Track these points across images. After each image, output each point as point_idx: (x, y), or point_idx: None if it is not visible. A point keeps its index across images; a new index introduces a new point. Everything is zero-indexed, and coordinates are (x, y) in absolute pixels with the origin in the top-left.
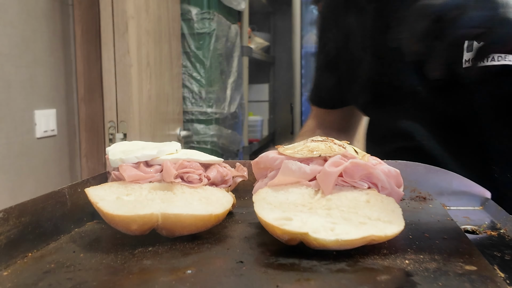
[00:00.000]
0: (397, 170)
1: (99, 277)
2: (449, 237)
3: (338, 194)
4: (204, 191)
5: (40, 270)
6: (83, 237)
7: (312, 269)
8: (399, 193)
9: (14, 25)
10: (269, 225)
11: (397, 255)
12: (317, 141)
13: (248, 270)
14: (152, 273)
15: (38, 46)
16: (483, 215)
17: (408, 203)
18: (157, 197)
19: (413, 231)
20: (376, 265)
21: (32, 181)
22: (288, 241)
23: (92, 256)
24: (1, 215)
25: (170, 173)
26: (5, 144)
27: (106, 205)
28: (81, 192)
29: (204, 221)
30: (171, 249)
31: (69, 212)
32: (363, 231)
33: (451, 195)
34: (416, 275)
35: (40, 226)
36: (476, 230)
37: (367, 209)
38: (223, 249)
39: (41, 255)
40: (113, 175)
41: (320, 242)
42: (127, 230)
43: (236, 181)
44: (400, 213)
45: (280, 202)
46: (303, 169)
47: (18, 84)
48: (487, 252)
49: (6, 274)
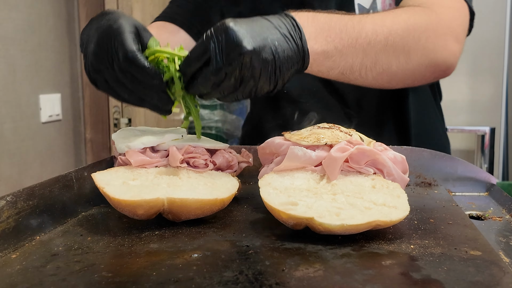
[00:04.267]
0: (403, 156)
1: (107, 259)
2: (454, 223)
3: (344, 180)
4: (210, 176)
5: (48, 252)
6: (90, 221)
7: (317, 253)
8: (405, 179)
9: (19, 9)
10: (275, 210)
11: (402, 240)
12: (323, 128)
13: (254, 254)
14: (158, 256)
15: (43, 30)
16: (488, 200)
17: (413, 189)
18: (163, 182)
19: (418, 217)
20: (381, 250)
21: (37, 165)
22: (293, 226)
23: (99, 239)
24: (9, 199)
25: (176, 158)
26: (11, 129)
27: (113, 190)
28: (88, 176)
29: (209, 206)
30: (177, 233)
31: (76, 196)
32: (368, 216)
33: (456, 181)
34: (421, 260)
35: (47, 209)
36: (481, 215)
37: (373, 194)
38: (228, 233)
39: (49, 238)
40: (120, 160)
41: (325, 226)
42: (133, 215)
43: (241, 167)
44: (405, 199)
45: (285, 187)
46: (309, 154)
47: (23, 68)
48: (492, 238)
49: (15, 256)
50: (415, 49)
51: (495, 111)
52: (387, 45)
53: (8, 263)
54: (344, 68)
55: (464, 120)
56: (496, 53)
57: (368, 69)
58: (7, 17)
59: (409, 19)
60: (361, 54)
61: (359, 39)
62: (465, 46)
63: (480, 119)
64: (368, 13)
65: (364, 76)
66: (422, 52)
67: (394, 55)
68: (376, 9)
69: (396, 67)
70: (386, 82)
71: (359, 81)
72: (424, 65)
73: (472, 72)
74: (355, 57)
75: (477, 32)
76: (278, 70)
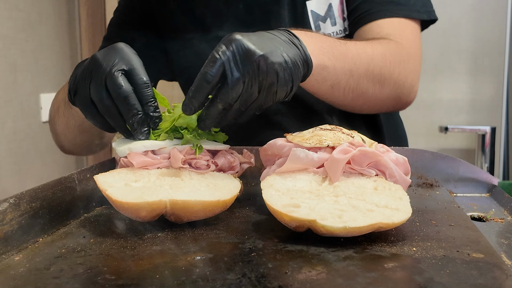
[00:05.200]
0: (405, 158)
1: (110, 262)
2: (456, 224)
3: (346, 181)
4: (212, 177)
5: (51, 255)
6: (93, 222)
7: (320, 256)
8: (407, 180)
9: (19, 8)
10: (277, 212)
11: (405, 242)
12: (326, 130)
13: (256, 256)
14: (161, 258)
15: (44, 30)
16: (489, 202)
17: (415, 190)
18: (165, 183)
19: (420, 218)
20: (384, 252)
21: (38, 165)
22: (296, 228)
23: (102, 241)
24: (12, 201)
25: (178, 158)
26: (12, 128)
27: (115, 192)
28: (90, 178)
29: (212, 207)
30: (180, 234)
31: (78, 197)
32: (371, 218)
33: (458, 182)
34: (424, 263)
35: (50, 211)
36: (483, 217)
37: (375, 196)
38: (231, 235)
39: (52, 240)
40: (122, 162)
41: (327, 229)
42: (136, 217)
43: (243, 168)
44: (407, 201)
45: (288, 189)
46: (311, 156)
47: (23, 67)
48: (494, 240)
49: (18, 259)
50: (388, 81)
51: (495, 111)
52: (368, 70)
53: (11, 265)
54: (334, 82)
55: (465, 119)
56: (497, 52)
57: (350, 89)
58: (8, 17)
59: (386, 52)
60: (348, 73)
61: (347, 58)
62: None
63: (480, 118)
64: (325, 20)
65: (346, 95)
66: (393, 86)
67: (372, 82)
68: (333, 17)
69: (371, 93)
70: (359, 106)
71: (340, 99)
72: (391, 97)
73: (473, 72)
74: (344, 74)
75: (478, 31)
76: (290, 72)
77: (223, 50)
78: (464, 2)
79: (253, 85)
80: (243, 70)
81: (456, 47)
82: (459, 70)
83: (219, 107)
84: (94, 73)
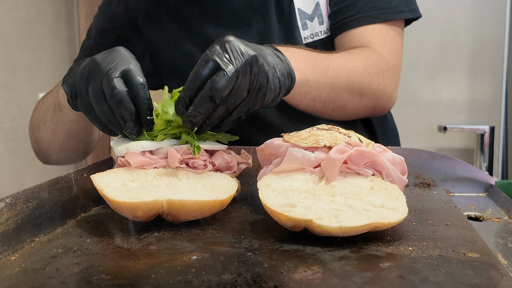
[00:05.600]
0: (402, 158)
1: (106, 261)
2: (453, 224)
3: (342, 181)
4: (209, 177)
5: (48, 254)
6: (89, 222)
7: (316, 255)
8: (403, 180)
9: (18, 8)
10: (273, 212)
11: (401, 242)
12: (322, 130)
13: (252, 256)
14: (157, 258)
15: (43, 29)
16: (486, 201)
17: (412, 190)
18: (162, 183)
19: (417, 218)
20: (380, 252)
21: (38, 164)
22: (292, 228)
23: (99, 241)
24: (9, 201)
25: (175, 158)
26: (11, 127)
27: (112, 192)
28: (87, 178)
29: (208, 207)
30: (176, 234)
31: (75, 197)
32: (367, 218)
33: (455, 181)
34: (419, 262)
35: (47, 211)
36: (480, 216)
37: (371, 196)
38: (227, 234)
39: (48, 240)
40: (119, 162)
41: (324, 228)
42: (132, 216)
43: (240, 168)
44: (403, 200)
45: (284, 188)
46: (308, 156)
47: (22, 67)
48: (490, 239)
49: (14, 258)
50: (367, 93)
51: (494, 110)
52: (349, 84)
53: (7, 265)
54: (315, 96)
55: (464, 119)
56: (496, 51)
57: (331, 102)
58: (7, 16)
59: (366, 64)
60: (329, 87)
61: (328, 72)
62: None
63: (479, 118)
64: (312, 19)
65: (327, 107)
66: (372, 96)
67: (352, 94)
68: (321, 16)
69: (351, 104)
70: (338, 116)
71: (320, 111)
72: (369, 107)
73: (472, 71)
74: (325, 88)
75: (477, 31)
76: (278, 78)
77: (216, 49)
78: (463, 2)
79: (243, 83)
80: (236, 66)
81: (455, 47)
82: (458, 70)
83: (208, 102)
84: (93, 75)
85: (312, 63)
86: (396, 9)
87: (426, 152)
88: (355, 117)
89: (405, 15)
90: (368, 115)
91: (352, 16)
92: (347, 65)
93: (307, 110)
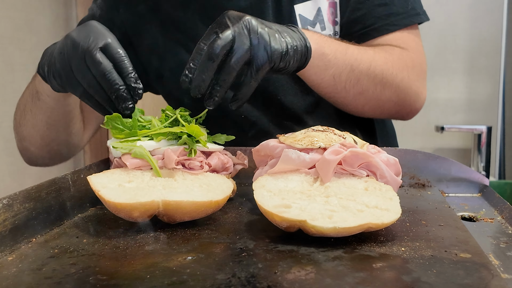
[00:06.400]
0: (396, 159)
1: (102, 262)
2: (446, 225)
3: (337, 182)
4: (205, 178)
5: (44, 255)
6: (86, 223)
7: (310, 256)
8: (397, 181)
9: (17, 8)
10: (268, 213)
11: (394, 242)
12: (317, 131)
13: (247, 256)
14: (153, 258)
15: (41, 29)
16: (481, 202)
17: (407, 190)
18: (158, 184)
19: (411, 218)
20: (373, 252)
21: None
22: (287, 228)
23: (95, 241)
24: (6, 201)
25: (171, 159)
26: (9, 127)
27: (108, 193)
28: (84, 178)
29: (204, 207)
30: (172, 235)
31: (72, 198)
32: (361, 218)
33: (449, 182)
34: (412, 263)
35: (44, 211)
36: (473, 217)
37: (365, 196)
38: (223, 235)
39: (45, 240)
40: (116, 162)
41: (318, 229)
42: (129, 217)
43: (236, 169)
44: (397, 201)
45: (279, 189)
46: (303, 157)
47: (21, 67)
48: (483, 240)
49: (11, 259)
50: (390, 84)
51: (492, 110)
52: (370, 69)
53: (4, 265)
54: (335, 72)
55: (461, 119)
56: (493, 51)
57: (352, 84)
58: (5, 16)
59: (388, 56)
60: (349, 67)
61: (347, 52)
62: (462, 45)
63: (477, 117)
64: (314, 25)
65: (348, 90)
66: (395, 89)
67: (373, 82)
68: (322, 22)
69: (372, 93)
70: (361, 106)
71: (342, 95)
72: (394, 101)
73: (469, 71)
74: (344, 66)
75: (474, 31)
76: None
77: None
78: (461, 2)
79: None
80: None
81: (453, 47)
82: (456, 70)
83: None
84: (73, 53)
85: (330, 41)
86: (412, 12)
87: (421, 153)
88: (380, 111)
89: (421, 19)
90: (395, 114)
91: (370, 26)
92: (368, 52)
93: (329, 92)
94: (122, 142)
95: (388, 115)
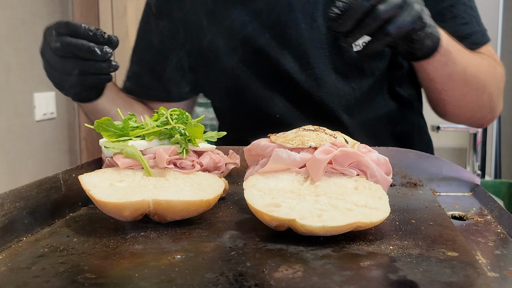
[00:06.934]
0: (386, 158)
1: (91, 261)
2: (435, 223)
3: (327, 181)
4: (197, 177)
5: (34, 254)
6: (77, 222)
7: (298, 254)
8: (388, 180)
9: (13, 7)
10: (258, 212)
11: (382, 241)
12: (309, 131)
13: (236, 255)
14: (142, 257)
15: (37, 29)
16: (472, 201)
17: (399, 189)
18: (149, 183)
19: (400, 217)
20: (361, 251)
21: (32, 164)
22: (276, 227)
23: (85, 240)
24: None
25: (163, 159)
26: (5, 127)
27: (98, 192)
28: (76, 178)
29: (195, 207)
30: (163, 234)
31: (63, 197)
32: (350, 217)
33: (441, 181)
34: (399, 261)
35: (34, 211)
36: (464, 216)
37: (355, 196)
38: (213, 234)
39: (36, 239)
40: (108, 162)
41: (307, 228)
42: (119, 216)
43: (228, 168)
44: (386, 200)
45: (269, 188)
46: (293, 157)
47: (17, 66)
48: (472, 238)
49: (1, 258)
50: (487, 91)
51: None
52: (477, 73)
53: None
54: (452, 72)
55: None
56: None
57: (461, 85)
58: (1, 16)
59: (490, 66)
60: (463, 68)
61: (464, 54)
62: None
63: None
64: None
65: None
66: (489, 97)
67: (476, 85)
68: None
69: (473, 96)
70: (458, 107)
71: (449, 93)
72: (486, 108)
73: None
74: (460, 68)
75: None
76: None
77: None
78: None
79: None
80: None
81: None
82: None
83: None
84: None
85: (452, 39)
86: (485, 31)
87: (412, 152)
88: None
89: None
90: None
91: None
92: (475, 57)
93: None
94: (114, 141)
95: (473, 120)
